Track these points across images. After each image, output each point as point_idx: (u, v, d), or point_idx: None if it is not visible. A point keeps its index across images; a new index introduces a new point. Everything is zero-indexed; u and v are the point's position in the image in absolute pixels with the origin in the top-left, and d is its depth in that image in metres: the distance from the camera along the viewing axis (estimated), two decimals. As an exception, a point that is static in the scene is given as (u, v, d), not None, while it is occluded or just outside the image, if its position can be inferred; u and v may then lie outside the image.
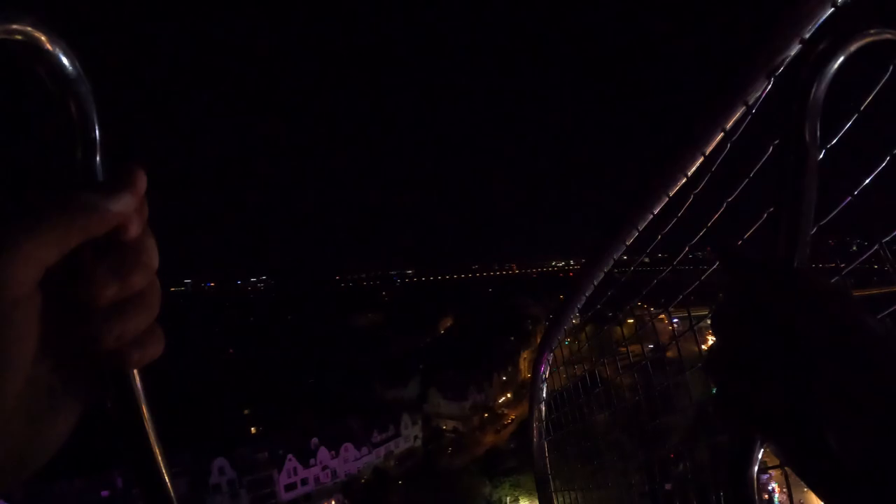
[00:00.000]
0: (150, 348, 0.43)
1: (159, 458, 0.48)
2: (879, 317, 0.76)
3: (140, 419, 0.47)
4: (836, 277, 0.84)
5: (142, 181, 0.42)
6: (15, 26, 0.38)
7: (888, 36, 0.54)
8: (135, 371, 0.45)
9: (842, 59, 0.55)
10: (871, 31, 0.54)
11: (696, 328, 1.32)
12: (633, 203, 1.40)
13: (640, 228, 1.45)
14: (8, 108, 0.43)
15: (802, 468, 0.47)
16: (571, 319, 2.14)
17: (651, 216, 1.37)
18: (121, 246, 0.41)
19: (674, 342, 1.42)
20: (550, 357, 2.45)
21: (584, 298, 1.95)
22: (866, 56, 0.58)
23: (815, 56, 0.55)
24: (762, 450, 0.55)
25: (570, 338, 2.20)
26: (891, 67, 0.69)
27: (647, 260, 1.51)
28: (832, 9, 0.69)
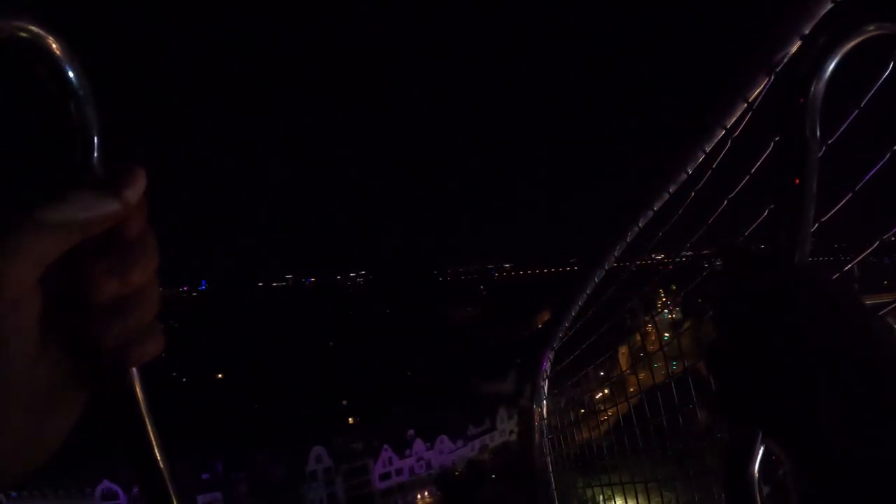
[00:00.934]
0: (149, 346, 0.43)
1: (158, 455, 0.48)
2: (880, 314, 0.76)
3: (140, 416, 0.47)
4: (838, 274, 0.84)
5: (141, 180, 0.42)
6: (14, 25, 0.38)
7: (887, 31, 0.54)
8: (134, 369, 0.45)
9: (841, 55, 0.55)
10: (871, 27, 0.54)
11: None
12: (634, 200, 1.40)
13: (642, 225, 1.45)
14: (8, 108, 0.44)
15: (803, 467, 0.47)
16: (572, 315, 2.14)
17: (652, 213, 1.37)
18: (120, 244, 0.41)
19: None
20: (551, 355, 2.45)
21: (584, 297, 1.95)
22: (866, 52, 0.58)
23: (814, 52, 0.55)
24: (762, 448, 0.55)
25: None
26: (891, 63, 0.69)
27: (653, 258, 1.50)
28: (831, 5, 0.69)
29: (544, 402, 2.60)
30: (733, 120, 1.00)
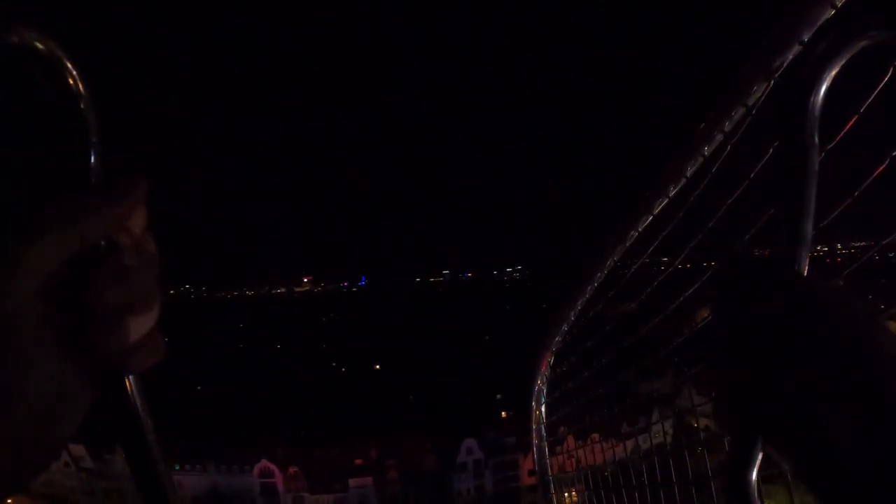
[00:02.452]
0: (149, 354, 0.43)
1: (158, 460, 0.48)
2: (880, 317, 0.76)
3: (139, 423, 0.47)
4: (837, 279, 0.84)
5: (141, 186, 0.41)
6: (12, 30, 0.38)
7: (888, 38, 0.54)
8: (132, 376, 0.45)
9: (842, 60, 0.55)
10: (871, 33, 0.54)
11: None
12: (633, 205, 1.40)
13: (641, 230, 1.45)
14: (7, 112, 0.43)
15: (803, 470, 0.47)
16: (571, 318, 2.14)
17: (651, 217, 1.37)
18: (120, 252, 0.41)
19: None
20: (551, 358, 2.45)
21: (584, 299, 1.95)
22: (866, 57, 0.58)
23: (814, 58, 0.55)
24: (761, 454, 0.55)
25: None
26: (890, 69, 0.69)
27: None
28: (832, 11, 0.69)
29: (543, 405, 2.59)
30: (733, 125, 1.00)
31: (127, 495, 47.04)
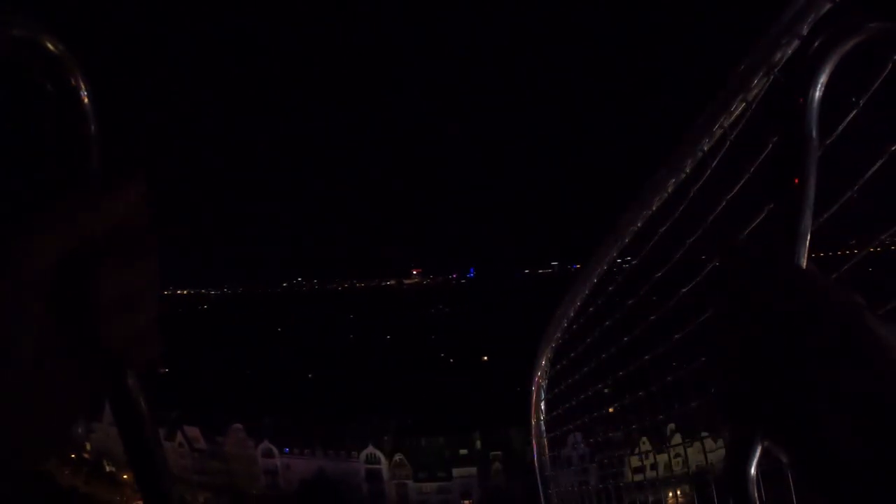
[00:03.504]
0: (147, 348, 0.43)
1: (158, 455, 0.48)
2: (880, 313, 0.76)
3: (139, 417, 0.47)
4: (837, 272, 0.84)
5: (140, 180, 0.42)
6: (14, 26, 0.38)
7: (886, 32, 0.54)
8: (131, 370, 0.45)
9: (840, 54, 0.55)
10: (870, 27, 0.54)
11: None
12: (631, 200, 1.40)
13: (640, 225, 1.45)
14: (8, 109, 0.44)
15: (803, 467, 0.47)
16: (571, 314, 2.14)
17: (651, 212, 1.37)
18: (120, 246, 0.41)
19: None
20: (550, 353, 2.45)
21: (584, 294, 1.95)
22: (865, 52, 0.58)
23: (813, 52, 0.55)
24: (760, 448, 0.55)
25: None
26: (889, 63, 0.69)
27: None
28: (830, 5, 0.69)
29: (543, 401, 2.60)
30: (732, 119, 1.00)
31: (236, 475, 51.29)
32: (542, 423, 2.63)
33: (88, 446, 62.37)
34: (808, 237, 0.55)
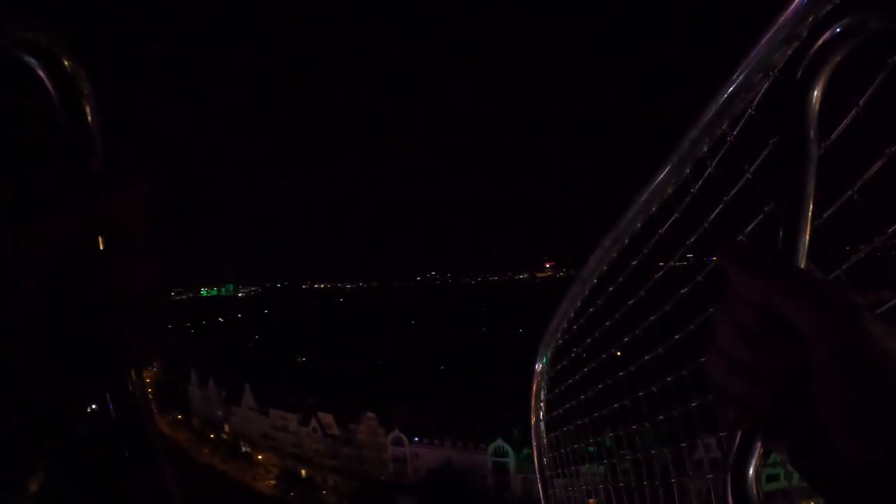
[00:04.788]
0: (150, 348, 0.44)
1: (159, 454, 0.48)
2: (878, 312, 0.76)
3: (140, 416, 0.47)
4: (836, 273, 0.84)
5: (142, 181, 0.42)
6: (15, 25, 0.38)
7: (886, 33, 0.54)
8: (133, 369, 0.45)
9: (840, 56, 0.55)
10: (870, 28, 0.54)
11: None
12: (632, 201, 1.40)
13: (639, 226, 1.45)
14: (8, 108, 0.44)
15: (803, 467, 0.47)
16: (571, 314, 2.14)
17: (651, 213, 1.37)
18: (121, 245, 0.41)
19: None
20: (551, 353, 2.45)
21: (585, 293, 1.95)
22: (865, 52, 0.58)
23: (813, 53, 0.56)
24: (761, 448, 0.55)
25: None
26: (889, 64, 0.69)
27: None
28: (830, 6, 0.69)
29: (542, 403, 2.60)
30: (731, 120, 1.00)
31: (366, 462, 53.92)
32: (541, 423, 2.63)
33: (227, 428, 66.61)
34: (808, 238, 0.55)
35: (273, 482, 57.99)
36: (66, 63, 0.41)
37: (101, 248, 0.40)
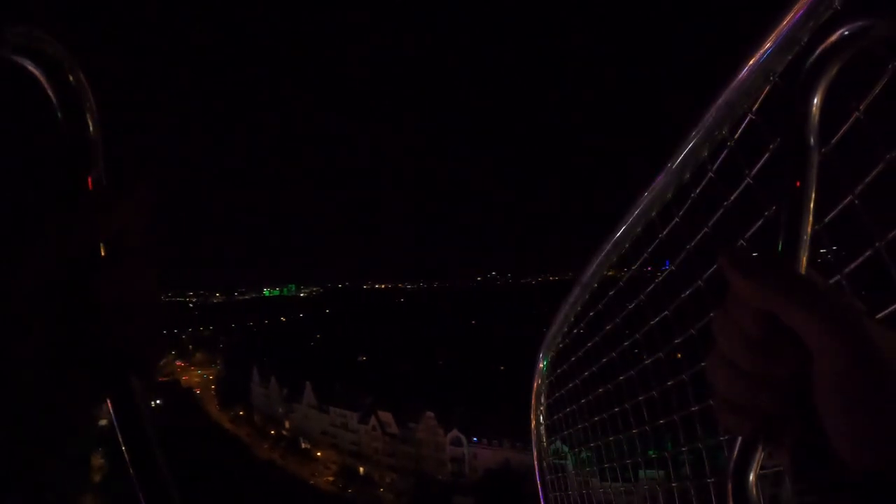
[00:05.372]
0: (150, 351, 0.44)
1: (160, 459, 0.48)
2: (878, 317, 0.76)
3: (141, 421, 0.47)
4: (836, 278, 0.84)
5: (144, 187, 0.42)
6: (16, 31, 0.38)
7: (887, 38, 0.54)
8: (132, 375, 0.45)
9: (841, 61, 0.55)
10: (871, 33, 0.54)
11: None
12: (631, 205, 1.40)
13: (640, 230, 1.45)
14: (10, 115, 0.44)
15: (805, 473, 0.47)
16: (571, 318, 2.14)
17: (651, 217, 1.37)
18: (124, 251, 0.41)
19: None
20: (552, 356, 2.45)
21: (585, 297, 1.95)
22: (866, 57, 0.58)
23: (814, 57, 0.56)
24: (761, 454, 0.55)
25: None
26: (890, 68, 0.70)
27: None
28: (831, 10, 0.70)
29: (542, 406, 2.59)
30: (732, 124, 1.00)
31: (424, 461, 55.27)
32: (541, 427, 2.63)
33: (287, 424, 68.55)
34: (808, 243, 0.55)
35: (331, 478, 59.18)
36: (67, 70, 0.41)
37: (103, 255, 0.40)
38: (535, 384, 2.58)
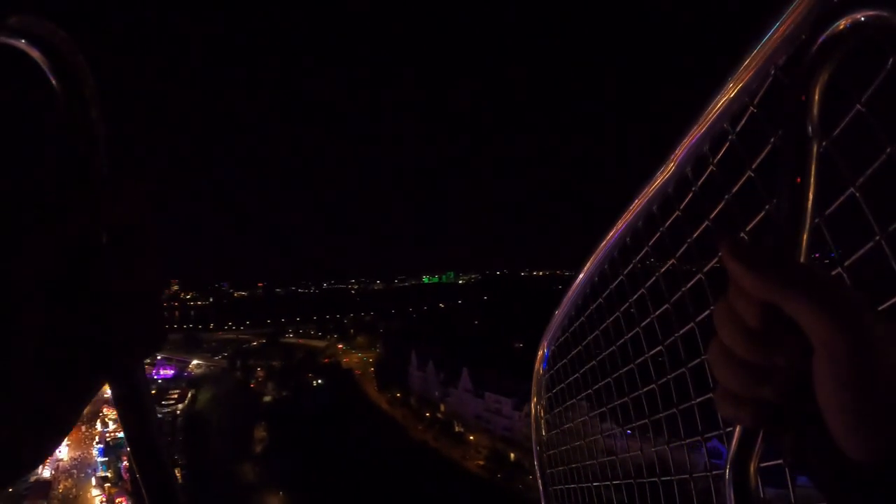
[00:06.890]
0: (149, 340, 0.44)
1: (161, 448, 0.49)
2: (880, 309, 0.77)
3: (143, 410, 0.47)
4: (837, 270, 0.84)
5: (145, 181, 0.42)
6: (18, 22, 0.38)
7: (887, 32, 0.54)
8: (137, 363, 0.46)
9: (842, 53, 0.55)
10: (872, 25, 0.54)
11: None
12: (634, 198, 1.40)
13: (641, 223, 1.45)
14: (13, 106, 0.44)
15: (805, 464, 0.47)
16: (572, 312, 2.14)
17: (653, 210, 1.37)
18: (125, 241, 0.41)
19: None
20: (553, 349, 2.45)
21: (587, 291, 1.96)
22: (867, 49, 0.58)
23: (815, 50, 0.56)
24: (763, 443, 0.55)
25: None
26: (889, 63, 0.69)
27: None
28: (832, 4, 0.69)
29: (543, 399, 2.60)
30: (733, 116, 1.00)
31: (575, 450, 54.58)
32: (541, 419, 2.64)
33: (442, 408, 70.77)
34: (808, 235, 0.55)
35: (482, 462, 59.76)
36: (69, 58, 0.41)
37: (105, 243, 0.41)
38: (535, 377, 2.58)
